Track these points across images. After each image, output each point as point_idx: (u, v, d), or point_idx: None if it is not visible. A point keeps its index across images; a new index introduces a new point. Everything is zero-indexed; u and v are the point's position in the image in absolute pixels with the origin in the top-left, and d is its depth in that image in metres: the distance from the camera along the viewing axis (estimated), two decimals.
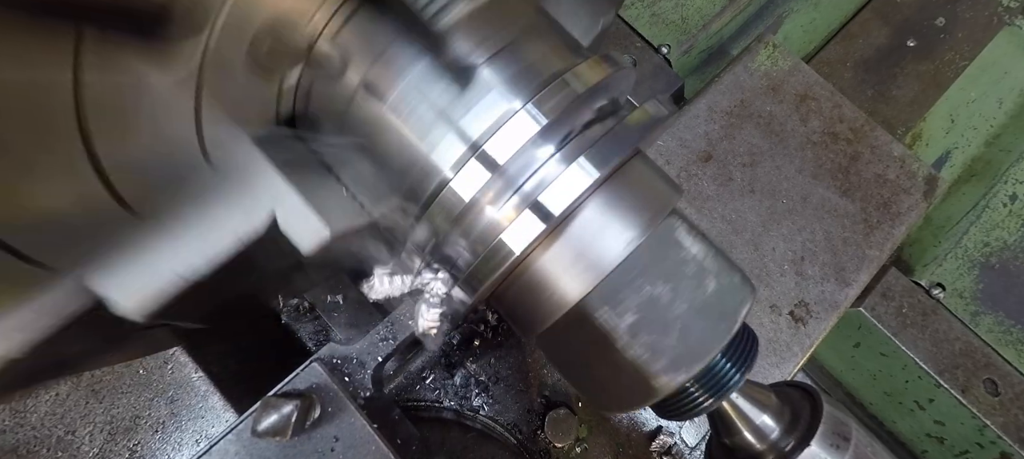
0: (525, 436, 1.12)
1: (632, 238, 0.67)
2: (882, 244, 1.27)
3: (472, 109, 0.64)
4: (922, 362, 1.35)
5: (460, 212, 0.64)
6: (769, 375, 1.17)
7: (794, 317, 1.21)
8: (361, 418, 0.88)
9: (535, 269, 0.69)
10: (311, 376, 0.91)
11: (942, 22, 1.82)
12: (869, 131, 1.35)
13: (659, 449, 1.13)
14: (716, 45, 1.79)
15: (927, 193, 1.31)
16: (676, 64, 1.63)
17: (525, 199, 0.65)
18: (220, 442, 0.87)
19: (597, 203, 0.68)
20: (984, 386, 1.34)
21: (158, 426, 1.07)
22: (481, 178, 0.63)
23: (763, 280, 1.23)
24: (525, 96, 0.64)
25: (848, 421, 0.77)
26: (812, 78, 1.40)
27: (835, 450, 0.74)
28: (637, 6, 1.67)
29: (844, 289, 1.23)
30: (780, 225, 1.27)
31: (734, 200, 1.29)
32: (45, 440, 1.03)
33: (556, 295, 0.69)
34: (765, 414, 0.77)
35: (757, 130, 1.35)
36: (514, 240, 0.64)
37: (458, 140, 0.64)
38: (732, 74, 1.40)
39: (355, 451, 0.86)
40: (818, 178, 1.31)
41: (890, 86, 1.75)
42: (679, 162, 1.32)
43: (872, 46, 1.80)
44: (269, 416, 0.82)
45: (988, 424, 1.32)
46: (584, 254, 0.68)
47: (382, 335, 1.05)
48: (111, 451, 1.05)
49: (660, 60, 1.60)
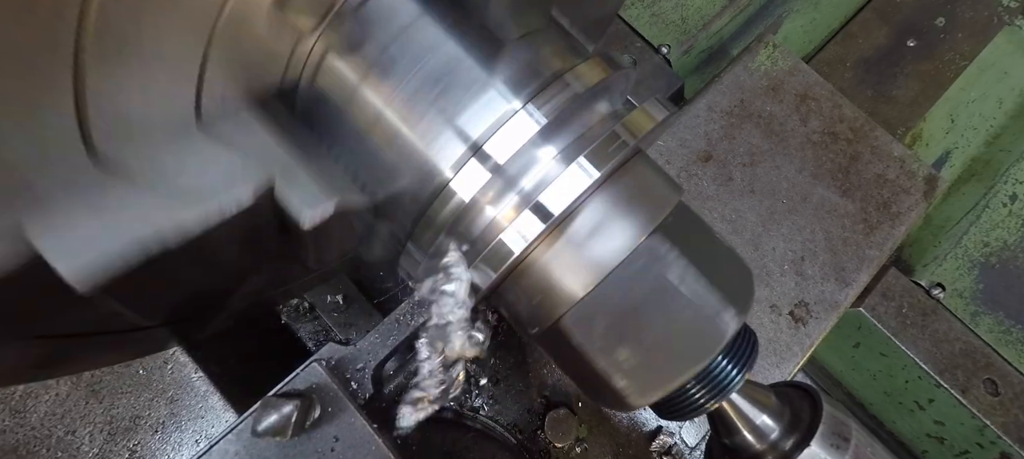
0: (525, 436, 1.12)
1: (632, 238, 0.67)
2: (882, 244, 1.27)
3: (472, 109, 0.64)
4: (922, 362, 1.35)
5: (460, 212, 0.65)
6: (769, 375, 1.17)
7: (794, 317, 1.21)
8: (361, 418, 0.88)
9: (535, 269, 0.69)
10: (311, 376, 0.91)
11: (942, 22, 1.82)
12: (869, 131, 1.35)
13: (659, 449, 1.13)
14: (716, 45, 1.79)
15: (927, 193, 1.31)
16: (676, 64, 1.63)
17: (525, 199, 0.65)
18: (220, 442, 0.87)
19: (597, 203, 0.68)
20: (984, 386, 1.34)
21: (158, 426, 1.07)
22: (481, 178, 0.63)
23: (763, 280, 1.23)
24: (525, 96, 0.64)
25: (848, 421, 0.77)
26: (812, 78, 1.40)
27: (835, 450, 0.74)
28: (637, 6, 1.67)
29: (844, 289, 1.23)
30: (780, 225, 1.27)
31: (734, 200, 1.29)
32: (45, 440, 1.03)
33: (556, 295, 0.69)
34: (765, 414, 0.77)
35: (757, 130, 1.35)
36: (514, 240, 0.64)
37: (458, 140, 0.64)
38: (732, 74, 1.40)
39: (355, 451, 0.86)
40: (818, 178, 1.31)
41: (890, 86, 1.75)
42: (679, 162, 1.32)
43: (872, 46, 1.80)
44: (269, 416, 0.82)
45: (988, 424, 1.31)
46: (584, 254, 0.68)
47: (382, 335, 1.05)
48: (111, 451, 1.05)
49: (660, 60, 1.60)
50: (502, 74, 0.65)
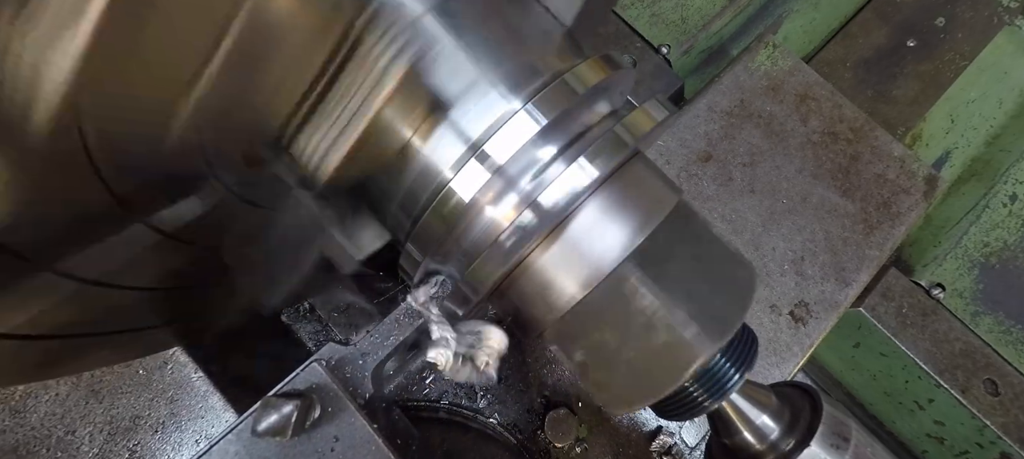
0: (525, 436, 1.12)
1: (631, 239, 0.67)
2: (882, 244, 1.27)
3: (472, 109, 0.64)
4: (922, 362, 1.35)
5: (460, 212, 0.64)
6: (769, 375, 1.17)
7: (794, 317, 1.21)
8: (361, 418, 0.88)
9: (535, 269, 0.69)
10: (311, 376, 0.91)
11: (942, 22, 1.82)
12: (869, 131, 1.35)
13: (659, 449, 1.13)
14: (716, 45, 1.79)
15: (927, 193, 1.31)
16: (676, 64, 1.63)
17: (525, 199, 0.65)
18: (220, 442, 0.87)
19: (596, 203, 0.68)
20: (984, 386, 1.34)
21: (158, 426, 1.07)
22: (481, 178, 0.63)
23: (763, 280, 1.23)
24: (525, 96, 0.64)
25: (848, 421, 0.77)
26: (812, 78, 1.40)
27: (835, 450, 0.74)
28: (637, 6, 1.67)
29: (844, 289, 1.23)
30: (780, 225, 1.27)
31: (734, 200, 1.29)
32: (45, 440, 1.03)
33: (555, 295, 0.69)
34: (765, 414, 0.77)
35: (757, 130, 1.35)
36: (514, 240, 0.64)
37: (457, 140, 0.64)
38: (732, 74, 1.40)
39: (355, 451, 0.86)
40: (818, 178, 1.31)
41: (890, 86, 1.75)
42: (679, 162, 1.32)
43: (872, 46, 1.79)
44: (269, 416, 0.82)
45: (988, 424, 1.31)
46: (584, 254, 0.68)
47: (382, 335, 1.05)
48: (111, 451, 1.04)
49: (660, 60, 1.60)
50: (502, 74, 0.65)
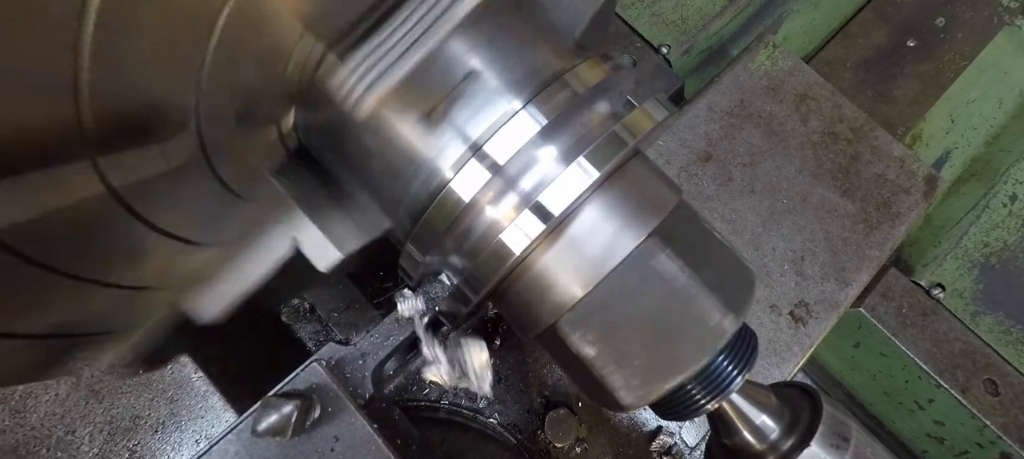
0: (525, 436, 1.12)
1: (631, 239, 0.67)
2: (882, 244, 1.27)
3: (472, 109, 0.64)
4: (922, 362, 1.35)
5: (460, 212, 0.64)
6: (769, 375, 1.17)
7: (794, 317, 1.21)
8: (361, 418, 0.88)
9: (535, 269, 0.69)
10: (311, 376, 0.91)
11: (942, 22, 1.82)
12: (869, 131, 1.35)
13: (659, 449, 1.13)
14: (716, 45, 1.79)
15: (927, 193, 1.31)
16: (676, 64, 1.63)
17: (525, 199, 0.65)
18: (220, 442, 0.87)
19: (597, 203, 0.68)
20: (984, 386, 1.34)
21: (158, 426, 1.07)
22: (481, 178, 0.63)
23: (763, 280, 1.23)
24: (525, 96, 0.64)
25: (848, 421, 0.77)
26: (812, 78, 1.40)
27: (835, 450, 0.74)
28: (637, 6, 1.67)
29: (844, 289, 1.23)
30: (780, 225, 1.27)
31: (734, 200, 1.29)
32: (45, 440, 1.03)
33: (555, 295, 0.69)
34: (765, 414, 0.77)
35: (757, 130, 1.35)
36: (514, 240, 0.64)
37: (458, 140, 0.64)
38: (732, 74, 1.40)
39: (355, 451, 0.86)
40: (818, 178, 1.31)
41: (890, 86, 1.75)
42: (679, 162, 1.32)
43: (872, 46, 1.79)
44: (269, 416, 0.82)
45: (988, 424, 1.31)
46: (584, 254, 0.68)
47: (382, 335, 1.05)
48: (111, 451, 1.04)
49: (660, 60, 1.60)
50: (502, 75, 0.65)
